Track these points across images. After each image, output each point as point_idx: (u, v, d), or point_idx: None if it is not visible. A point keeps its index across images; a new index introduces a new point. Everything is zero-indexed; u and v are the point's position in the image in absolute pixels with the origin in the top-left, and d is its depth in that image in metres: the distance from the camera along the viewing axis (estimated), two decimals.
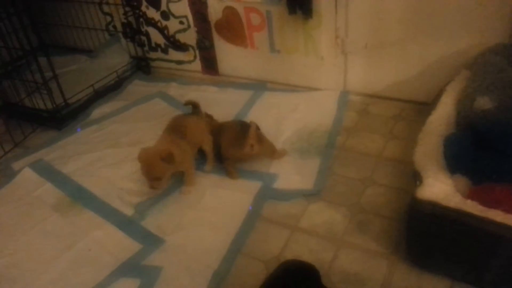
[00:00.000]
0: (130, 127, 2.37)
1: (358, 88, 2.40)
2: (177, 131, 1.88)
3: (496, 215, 1.20)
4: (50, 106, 2.38)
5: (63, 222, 1.78)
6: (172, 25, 2.75)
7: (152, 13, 2.76)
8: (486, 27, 1.93)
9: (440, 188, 1.31)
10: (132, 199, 1.85)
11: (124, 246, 1.63)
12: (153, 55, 2.97)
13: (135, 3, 2.77)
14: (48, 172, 2.06)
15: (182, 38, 2.78)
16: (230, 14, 2.50)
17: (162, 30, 2.81)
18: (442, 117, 1.66)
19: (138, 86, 2.83)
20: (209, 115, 2.15)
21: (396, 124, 2.16)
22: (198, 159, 2.00)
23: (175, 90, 2.70)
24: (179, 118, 1.98)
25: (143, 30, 2.87)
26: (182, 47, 2.82)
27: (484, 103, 1.61)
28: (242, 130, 1.86)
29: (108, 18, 2.97)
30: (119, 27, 2.96)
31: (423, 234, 1.35)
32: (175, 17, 2.71)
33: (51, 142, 2.32)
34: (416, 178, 1.40)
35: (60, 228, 1.75)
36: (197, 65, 2.84)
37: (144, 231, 1.69)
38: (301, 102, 2.40)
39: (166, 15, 2.72)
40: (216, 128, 2.02)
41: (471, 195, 1.33)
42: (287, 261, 1.42)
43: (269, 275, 1.34)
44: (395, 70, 2.25)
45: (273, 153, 1.98)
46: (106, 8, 2.91)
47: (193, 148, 1.91)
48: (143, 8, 2.77)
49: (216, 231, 1.65)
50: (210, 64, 2.79)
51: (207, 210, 1.77)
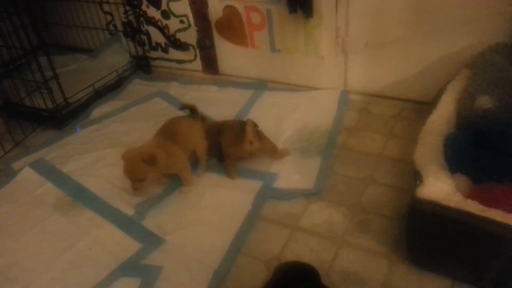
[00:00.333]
0: (130, 126, 2.36)
1: (358, 88, 2.40)
2: (167, 134, 1.85)
3: (497, 215, 1.20)
4: (50, 105, 2.38)
5: (63, 222, 1.78)
6: (173, 24, 2.75)
7: (152, 12, 2.76)
8: (487, 26, 1.92)
9: (440, 187, 1.31)
10: (132, 198, 1.85)
11: (125, 246, 1.63)
12: (153, 54, 2.97)
13: (136, 2, 2.76)
14: (48, 171, 2.06)
15: (182, 37, 2.78)
16: (231, 13, 2.49)
17: (163, 29, 2.81)
18: (442, 116, 1.66)
19: (138, 86, 2.83)
20: (203, 118, 2.12)
21: (397, 123, 2.16)
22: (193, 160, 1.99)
23: (176, 90, 2.70)
24: (172, 121, 1.94)
25: (143, 29, 2.87)
26: (182, 46, 2.82)
27: (484, 102, 1.61)
28: (241, 128, 1.87)
29: (109, 17, 2.97)
30: (120, 26, 2.96)
31: (424, 233, 1.35)
32: (175, 16, 2.71)
33: (52, 141, 2.32)
34: (416, 178, 1.40)
35: (60, 227, 1.75)
36: (197, 64, 2.84)
37: (144, 231, 1.69)
38: (301, 101, 2.40)
39: (166, 14, 2.72)
40: (216, 128, 2.02)
41: (471, 195, 1.33)
42: (286, 263, 1.41)
43: (269, 278, 1.33)
44: (395, 69, 2.25)
45: (274, 152, 1.98)
46: (106, 7, 2.91)
47: (185, 151, 1.87)
48: (144, 7, 2.76)
49: (216, 231, 1.65)
50: (210, 63, 2.79)
51: (207, 209, 1.77)
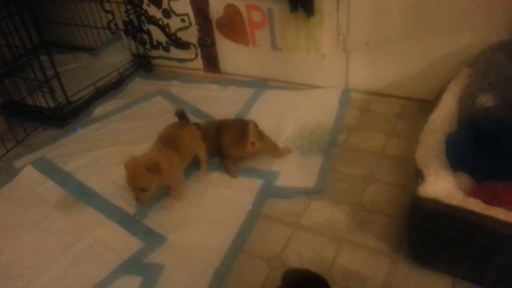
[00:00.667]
0: (131, 125, 2.37)
1: (359, 86, 2.40)
2: (168, 142, 1.80)
3: (498, 213, 1.20)
4: (52, 104, 2.38)
5: (65, 220, 1.78)
6: (174, 23, 2.75)
7: (153, 11, 2.76)
8: (488, 24, 1.92)
9: (442, 186, 1.31)
10: None
11: (126, 244, 1.64)
12: (154, 53, 2.97)
13: (137, 1, 2.76)
14: (50, 170, 2.06)
15: (183, 36, 2.78)
16: (232, 11, 2.49)
17: (164, 28, 2.81)
18: (444, 115, 1.65)
19: (139, 84, 2.83)
20: (196, 124, 2.05)
21: (398, 122, 2.16)
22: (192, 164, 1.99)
23: (177, 88, 2.69)
24: (172, 128, 1.88)
25: (144, 28, 2.87)
26: (183, 45, 2.82)
27: (486, 100, 1.61)
28: (242, 129, 1.86)
29: (110, 16, 2.97)
30: (121, 25, 2.96)
31: (425, 232, 1.35)
32: (176, 15, 2.70)
33: (53, 140, 2.33)
34: (418, 176, 1.40)
35: (62, 226, 1.75)
36: (198, 63, 2.84)
37: (146, 229, 1.70)
38: (302, 100, 2.39)
39: (167, 13, 2.72)
40: (215, 127, 2.01)
41: (473, 193, 1.33)
42: (294, 271, 1.35)
43: None
44: (397, 67, 2.25)
45: (275, 150, 1.98)
46: (107, 6, 2.91)
47: (185, 160, 1.84)
48: (145, 6, 2.76)
49: (218, 229, 1.66)
50: (211, 62, 2.79)
51: (208, 208, 1.77)
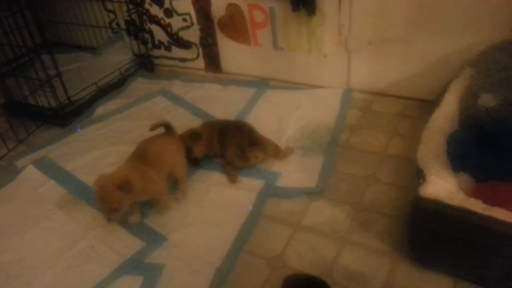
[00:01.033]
0: (133, 124, 2.37)
1: (361, 86, 2.39)
2: (140, 156, 1.71)
3: (500, 214, 1.20)
4: (53, 103, 2.39)
5: (66, 220, 1.78)
6: (175, 22, 2.75)
7: (155, 10, 2.76)
8: (491, 24, 1.91)
9: (443, 186, 1.31)
10: None
11: (127, 244, 1.64)
12: (156, 52, 2.97)
13: (139, 0, 2.76)
14: (51, 169, 2.06)
15: (185, 35, 2.78)
16: (233, 11, 2.49)
17: (165, 28, 2.81)
18: (446, 114, 1.65)
19: (141, 84, 2.83)
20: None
21: (400, 121, 2.16)
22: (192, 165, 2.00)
23: (178, 88, 2.70)
24: (146, 142, 1.79)
25: (146, 27, 2.87)
26: (185, 44, 2.82)
27: (488, 100, 1.60)
28: (243, 139, 1.89)
29: (111, 16, 2.97)
30: (122, 24, 2.96)
31: (426, 232, 1.35)
32: (178, 14, 2.70)
33: (55, 139, 2.33)
34: (419, 176, 1.39)
35: (63, 225, 1.76)
36: (200, 62, 2.84)
37: (147, 229, 1.70)
38: (304, 99, 2.39)
39: (169, 12, 2.72)
40: (217, 129, 1.99)
41: (474, 193, 1.32)
42: (294, 277, 1.35)
43: None
44: (398, 67, 2.24)
45: (277, 153, 1.97)
46: (109, 5, 2.91)
47: (161, 173, 1.72)
48: (146, 5, 2.76)
49: (219, 229, 1.66)
50: (213, 61, 2.79)
51: (210, 208, 1.77)
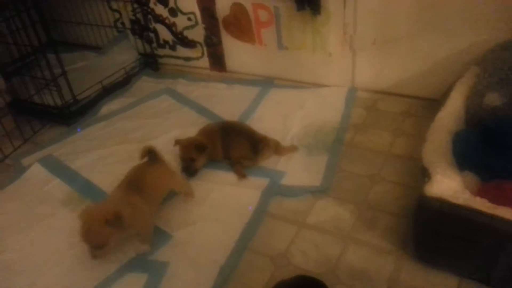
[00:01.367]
0: (138, 123, 2.38)
1: (366, 85, 2.39)
2: (133, 185, 1.61)
3: (505, 213, 1.20)
4: (59, 102, 2.40)
5: (71, 218, 1.78)
6: (180, 21, 2.75)
7: (160, 9, 2.77)
8: (496, 22, 1.90)
9: (448, 185, 1.30)
10: None
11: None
12: (161, 51, 2.98)
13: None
14: (57, 168, 2.07)
15: (190, 34, 2.78)
16: (238, 10, 2.49)
17: (170, 27, 2.81)
18: (451, 113, 1.65)
19: (146, 83, 2.83)
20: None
21: (405, 120, 2.15)
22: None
23: (183, 87, 2.70)
24: (137, 169, 1.70)
25: (151, 27, 2.88)
26: (190, 43, 2.82)
27: (493, 99, 1.60)
28: (248, 139, 1.93)
29: (116, 15, 2.98)
30: (127, 24, 2.97)
31: (431, 231, 1.34)
32: (183, 13, 2.71)
33: (60, 138, 2.34)
34: (424, 175, 1.39)
35: (68, 223, 1.76)
36: (204, 61, 2.85)
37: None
38: (308, 98, 2.39)
39: (174, 11, 2.73)
40: (220, 132, 1.99)
41: (480, 192, 1.32)
42: (283, 283, 1.30)
43: None
44: (403, 66, 2.24)
45: (277, 147, 1.98)
46: (114, 5, 2.92)
47: (153, 204, 1.64)
48: (151, 4, 2.77)
49: (223, 227, 1.66)
50: (217, 60, 2.79)
51: (214, 206, 1.77)
